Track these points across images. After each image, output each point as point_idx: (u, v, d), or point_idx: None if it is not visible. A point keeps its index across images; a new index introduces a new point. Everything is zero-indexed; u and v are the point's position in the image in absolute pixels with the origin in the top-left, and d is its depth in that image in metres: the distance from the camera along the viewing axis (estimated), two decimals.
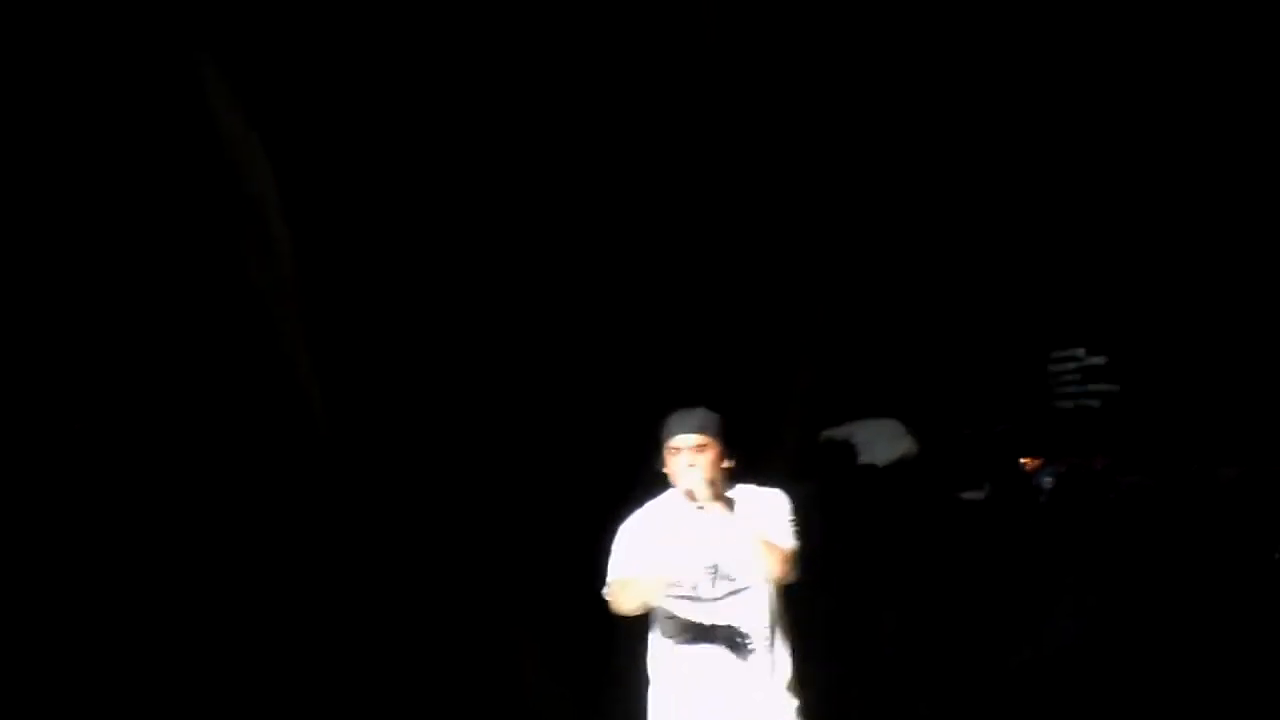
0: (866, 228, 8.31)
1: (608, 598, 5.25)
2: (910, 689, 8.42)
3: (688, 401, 5.35)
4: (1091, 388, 9.38)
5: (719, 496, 5.17)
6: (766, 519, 5.23)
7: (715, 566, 5.23)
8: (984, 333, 9.06)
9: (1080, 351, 9.50)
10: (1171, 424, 9.09)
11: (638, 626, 5.30)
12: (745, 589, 5.23)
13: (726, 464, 5.29)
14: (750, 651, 5.21)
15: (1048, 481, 9.12)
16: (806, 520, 5.29)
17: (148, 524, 6.78)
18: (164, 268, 6.76)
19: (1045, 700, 8.48)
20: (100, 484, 6.80)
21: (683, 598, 5.26)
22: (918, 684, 8.44)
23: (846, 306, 8.23)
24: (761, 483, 5.36)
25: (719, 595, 5.25)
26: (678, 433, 5.25)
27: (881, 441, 8.41)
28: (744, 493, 5.33)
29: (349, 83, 7.18)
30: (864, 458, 8.37)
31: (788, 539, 5.19)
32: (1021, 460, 9.16)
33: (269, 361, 7.02)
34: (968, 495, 8.94)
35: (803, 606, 5.35)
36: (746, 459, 5.39)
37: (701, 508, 5.17)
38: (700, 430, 5.23)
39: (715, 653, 5.22)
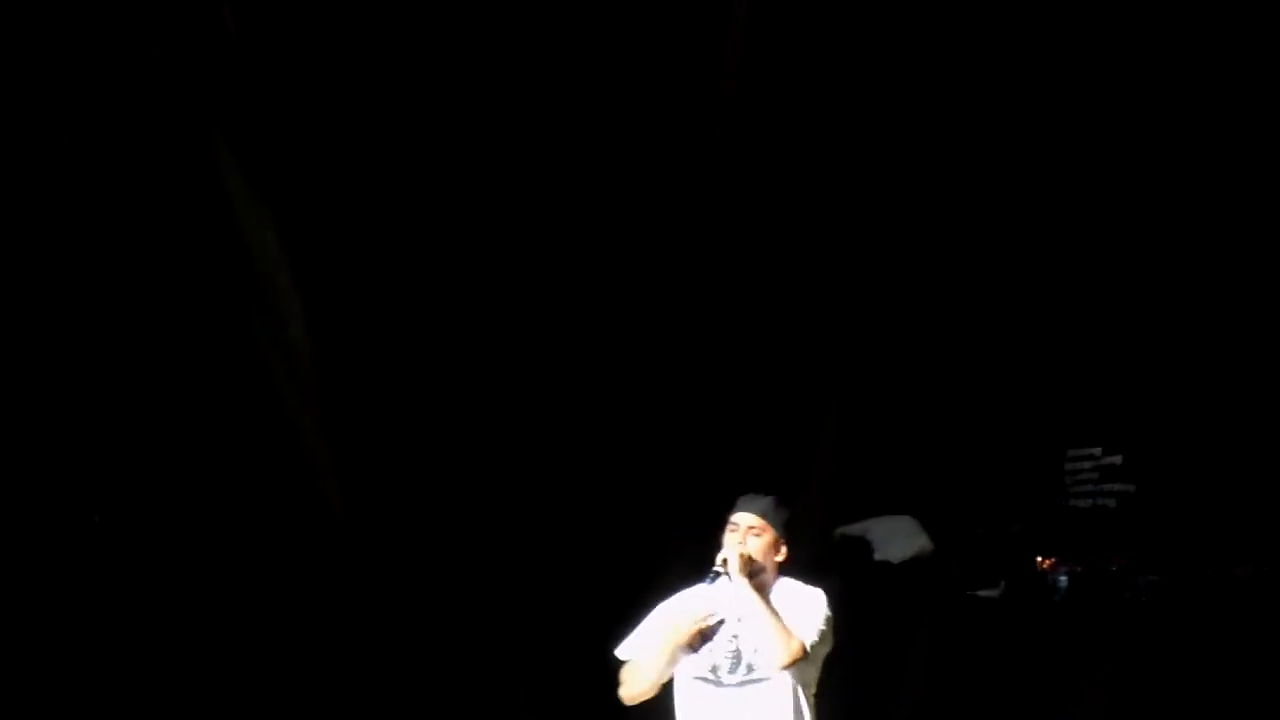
0: (882, 324, 8.36)
1: (621, 678, 5.24)
2: None
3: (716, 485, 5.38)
4: (1108, 487, 9.37)
5: (753, 577, 5.19)
6: (794, 610, 5.23)
7: (737, 652, 5.23)
8: (999, 432, 9.08)
9: (1097, 450, 9.49)
10: (1187, 524, 9.08)
11: (656, 709, 5.34)
12: (765, 679, 5.23)
13: (779, 556, 5.31)
14: None
15: (1063, 581, 9.10)
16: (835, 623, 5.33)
17: (158, 542, 6.83)
18: (171, 331, 6.84)
19: None
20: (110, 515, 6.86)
21: (701, 680, 5.27)
22: None
23: (863, 405, 8.27)
24: (809, 581, 5.39)
25: (737, 682, 5.25)
26: (740, 510, 5.26)
27: (897, 539, 8.43)
28: (783, 586, 5.33)
29: (357, 151, 7.28)
30: (879, 555, 8.39)
31: (808, 632, 5.19)
32: (1037, 560, 9.15)
33: (277, 430, 7.08)
34: (982, 594, 8.93)
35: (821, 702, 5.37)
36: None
37: (727, 577, 5.20)
38: (762, 514, 5.23)
39: None
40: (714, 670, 5.23)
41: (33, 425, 6.90)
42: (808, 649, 5.17)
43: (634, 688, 5.19)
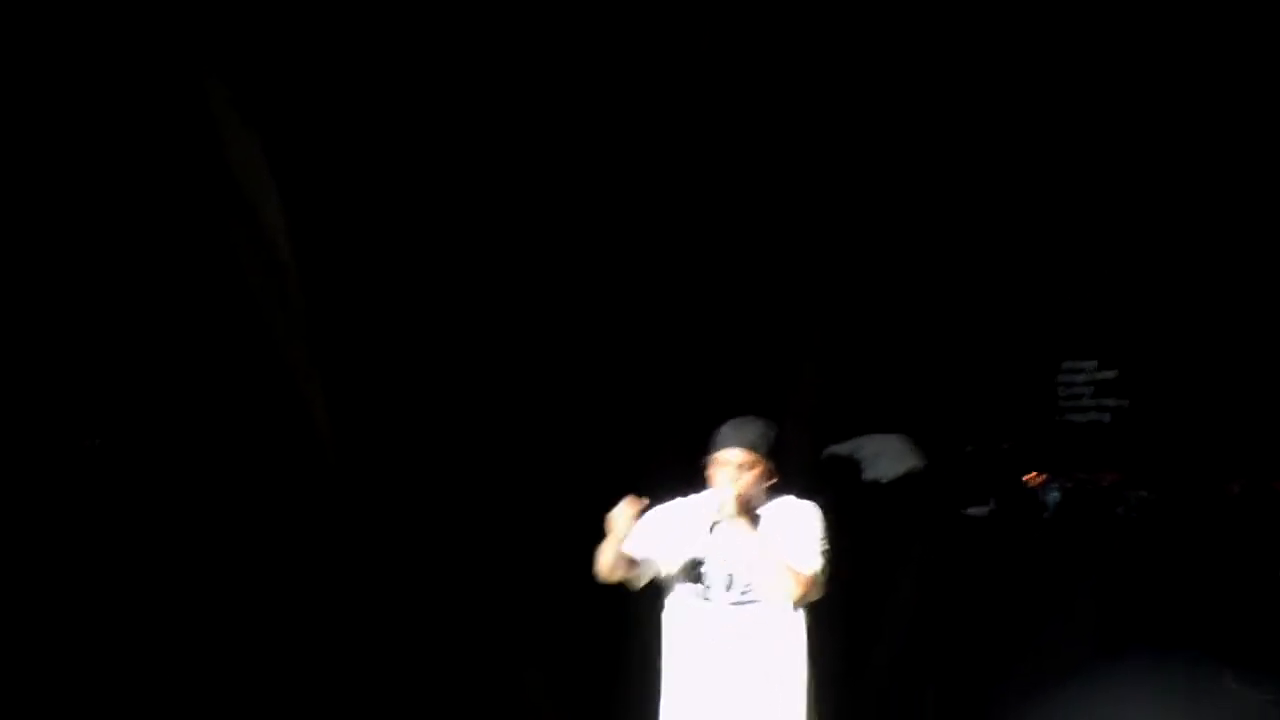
0: (871, 238, 8.30)
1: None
2: (916, 703, 8.43)
3: (698, 409, 5.34)
4: (1102, 402, 9.34)
5: (748, 513, 5.17)
6: (792, 540, 5.20)
7: (731, 575, 5.24)
8: (991, 346, 9.04)
9: (1091, 364, 9.45)
10: (1180, 439, 9.06)
11: (653, 625, 5.35)
12: (758, 602, 5.23)
13: (770, 482, 5.28)
14: (760, 663, 5.22)
15: (1054, 497, 9.10)
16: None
17: (153, 530, 6.83)
18: (161, 274, 6.80)
19: (1050, 714, 8.48)
20: (108, 497, 6.86)
21: (694, 598, 5.27)
22: (923, 698, 8.45)
23: (850, 319, 8.22)
24: (800, 495, 5.35)
25: (731, 601, 5.24)
26: (725, 445, 5.21)
27: (887, 457, 8.41)
28: (777, 507, 5.30)
29: (352, 90, 7.20)
30: (869, 474, 8.37)
31: (811, 562, 5.16)
32: (1025, 476, 9.15)
33: (270, 370, 7.05)
34: (973, 511, 8.93)
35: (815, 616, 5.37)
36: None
37: (724, 523, 5.18)
38: (749, 447, 5.18)
39: (724, 659, 5.22)
40: (708, 588, 5.24)
41: (23, 352, 6.87)
42: (815, 580, 5.16)
43: (599, 566, 5.24)
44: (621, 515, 5.14)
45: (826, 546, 5.20)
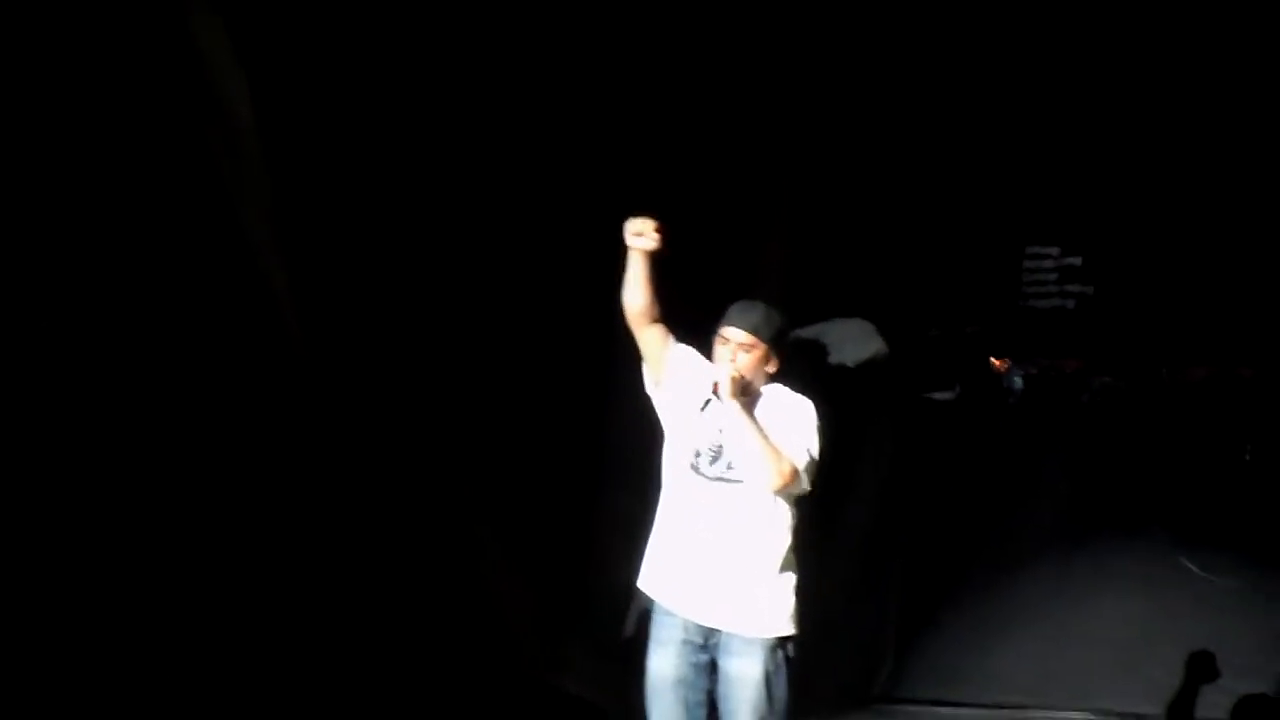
0: (836, 121, 8.22)
1: None
2: (883, 583, 8.47)
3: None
4: (1067, 288, 9.30)
5: (744, 394, 5.17)
6: (783, 429, 5.21)
7: (720, 448, 5.24)
8: (955, 230, 8.97)
9: (1055, 250, 9.40)
10: (1144, 326, 9.04)
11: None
12: (740, 481, 5.22)
13: (770, 368, 5.30)
14: (739, 541, 5.22)
15: (1018, 383, 9.09)
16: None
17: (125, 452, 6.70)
18: (138, 190, 6.62)
19: (1014, 596, 8.54)
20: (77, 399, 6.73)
21: (685, 467, 5.27)
22: (890, 578, 8.49)
23: (814, 203, 8.17)
24: (796, 388, 5.36)
25: (715, 476, 5.25)
26: (731, 324, 5.25)
27: (851, 342, 8.35)
28: (772, 395, 5.32)
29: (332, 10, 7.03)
30: (834, 358, 8.33)
31: (798, 454, 5.18)
32: (992, 361, 9.12)
33: (236, 256, 6.92)
34: (937, 396, 8.92)
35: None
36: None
37: (718, 399, 5.17)
38: (753, 330, 5.22)
39: (706, 533, 5.23)
40: (696, 456, 5.27)
41: None
42: (799, 471, 5.16)
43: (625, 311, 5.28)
44: (643, 225, 5.14)
45: (816, 442, 5.23)
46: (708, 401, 5.26)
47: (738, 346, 5.24)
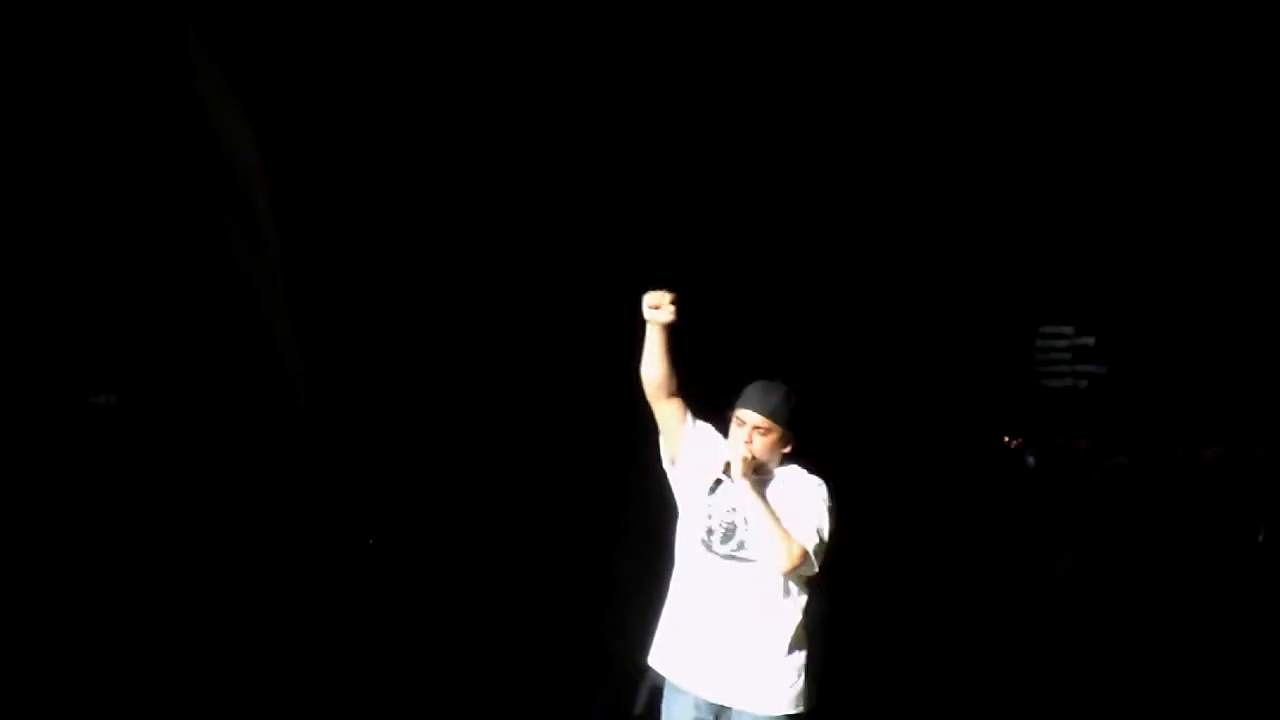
0: (845, 194, 8.28)
1: None
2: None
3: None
4: (1080, 368, 9.33)
5: (757, 475, 5.18)
6: (795, 511, 5.21)
7: (732, 525, 5.24)
8: (969, 310, 9.01)
9: (1069, 330, 9.44)
10: (1158, 406, 9.06)
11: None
12: (754, 562, 5.23)
13: (785, 448, 5.30)
14: (750, 618, 5.22)
15: (1030, 461, 9.10)
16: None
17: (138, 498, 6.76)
18: (142, 241, 6.71)
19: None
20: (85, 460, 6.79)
21: (697, 542, 5.28)
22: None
23: (825, 281, 8.21)
24: (811, 469, 5.36)
25: (726, 554, 5.25)
26: (748, 407, 5.23)
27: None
28: (786, 476, 5.31)
29: (335, 52, 7.12)
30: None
31: (808, 536, 5.17)
32: (1005, 439, 9.14)
33: (249, 335, 6.99)
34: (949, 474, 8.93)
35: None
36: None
37: (729, 479, 5.18)
38: (770, 414, 5.21)
39: (718, 610, 5.23)
40: (709, 534, 5.26)
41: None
42: (809, 553, 5.16)
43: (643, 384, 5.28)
44: (660, 299, 5.15)
45: (827, 525, 5.21)
46: (719, 482, 5.26)
47: (753, 429, 5.23)
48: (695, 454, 5.33)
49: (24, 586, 6.28)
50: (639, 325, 5.29)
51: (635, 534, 6.67)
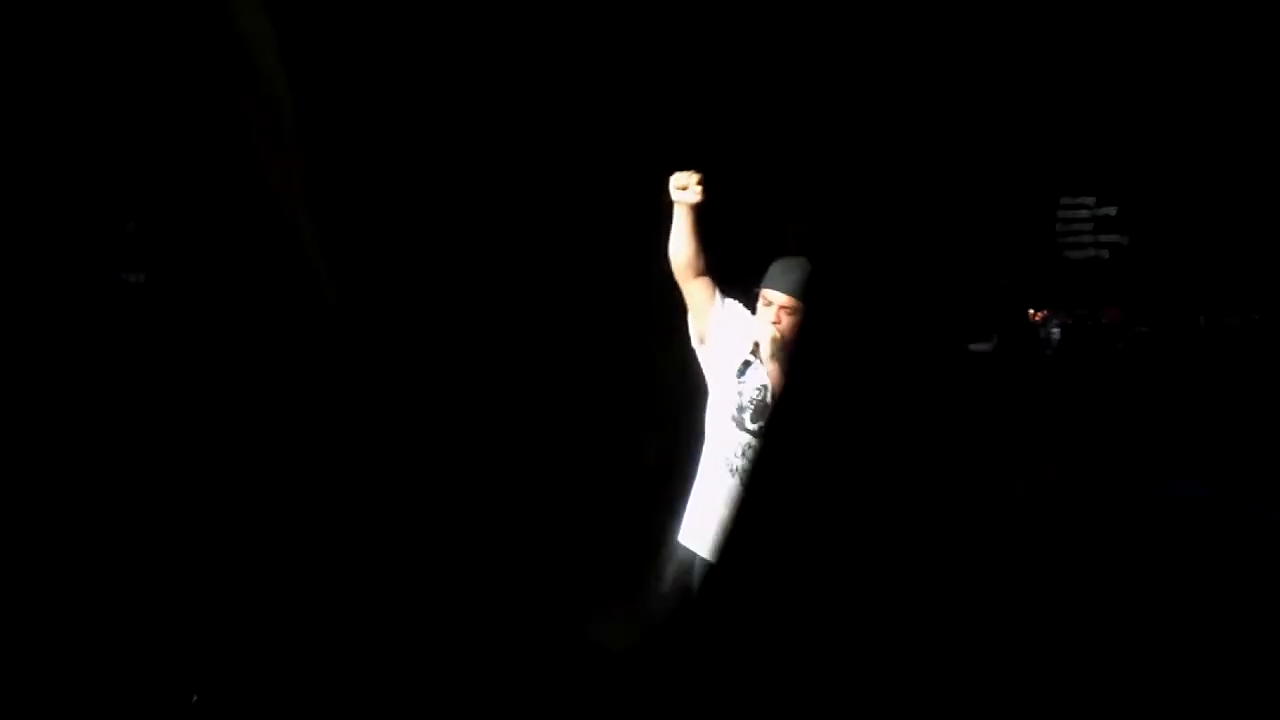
0: (863, 75, 8.21)
1: None
2: (910, 526, 8.49)
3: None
4: (1102, 238, 9.29)
5: (785, 353, 5.20)
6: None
7: (764, 403, 5.28)
8: (989, 181, 8.96)
9: (1091, 200, 9.38)
10: (1180, 275, 9.03)
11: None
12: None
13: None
14: (771, 497, 5.27)
15: (1055, 333, 9.09)
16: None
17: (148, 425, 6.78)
18: (169, 133, 6.68)
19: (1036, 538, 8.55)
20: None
21: (729, 419, 5.31)
22: (918, 521, 8.50)
23: (844, 158, 8.16)
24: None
25: (758, 429, 5.29)
26: (774, 287, 5.23)
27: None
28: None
29: None
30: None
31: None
32: (1029, 312, 9.13)
33: (277, 234, 6.97)
34: (975, 348, 8.93)
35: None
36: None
37: (758, 360, 5.21)
38: (797, 292, 5.20)
39: (742, 483, 5.27)
40: (739, 410, 5.29)
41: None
42: None
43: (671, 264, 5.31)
44: (687, 179, 5.17)
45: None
46: (747, 364, 5.28)
47: (780, 309, 5.23)
48: (724, 332, 5.34)
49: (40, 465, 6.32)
50: (665, 208, 5.29)
51: (663, 412, 6.70)
